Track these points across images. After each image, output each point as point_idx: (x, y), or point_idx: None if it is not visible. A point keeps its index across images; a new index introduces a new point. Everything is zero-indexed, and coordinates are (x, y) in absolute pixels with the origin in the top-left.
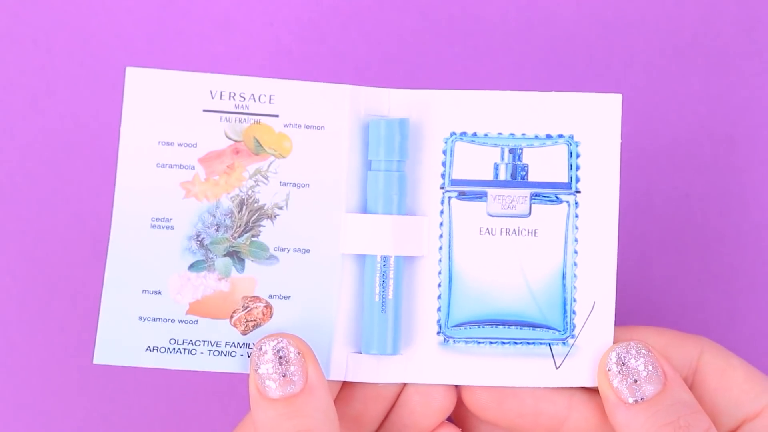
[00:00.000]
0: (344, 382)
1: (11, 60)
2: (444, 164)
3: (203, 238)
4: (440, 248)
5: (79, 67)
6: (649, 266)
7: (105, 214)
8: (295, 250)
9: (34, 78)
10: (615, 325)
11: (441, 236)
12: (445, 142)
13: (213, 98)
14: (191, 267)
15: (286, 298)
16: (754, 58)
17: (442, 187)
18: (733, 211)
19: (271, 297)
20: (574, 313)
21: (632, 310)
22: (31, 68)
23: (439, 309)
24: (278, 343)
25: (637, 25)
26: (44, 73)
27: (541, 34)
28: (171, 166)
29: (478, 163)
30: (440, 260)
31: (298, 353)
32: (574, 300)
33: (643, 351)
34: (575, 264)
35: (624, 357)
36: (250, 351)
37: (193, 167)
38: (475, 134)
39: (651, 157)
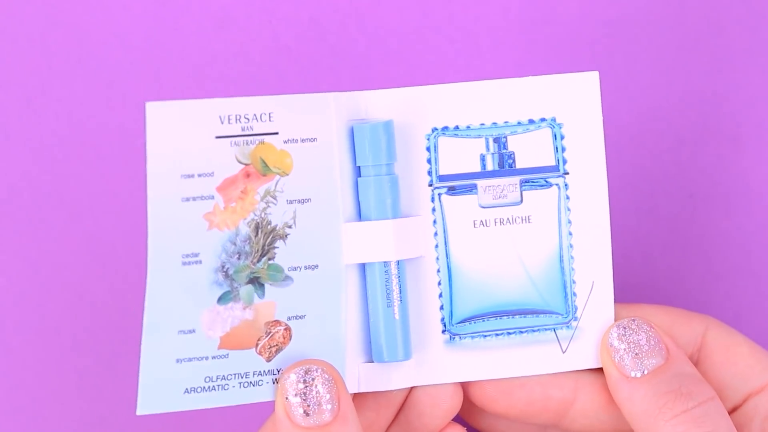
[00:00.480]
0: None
1: (9, 60)
2: (429, 161)
3: (228, 268)
4: (436, 246)
5: (77, 65)
6: (652, 267)
7: (103, 213)
8: (305, 268)
9: (30, 77)
10: (617, 302)
11: (436, 234)
12: (428, 139)
13: (222, 123)
14: (219, 300)
15: (301, 317)
16: (758, 57)
17: (430, 185)
18: (737, 212)
19: (289, 319)
20: (574, 295)
21: None
22: (27, 67)
23: (441, 307)
24: (312, 371)
25: (640, 23)
26: (40, 71)
27: (539, 34)
28: (194, 199)
29: (463, 156)
30: (437, 258)
31: (331, 380)
32: (574, 282)
33: (645, 326)
34: (571, 246)
35: (625, 332)
36: (275, 377)
37: (213, 197)
38: (457, 127)
39: (655, 158)
